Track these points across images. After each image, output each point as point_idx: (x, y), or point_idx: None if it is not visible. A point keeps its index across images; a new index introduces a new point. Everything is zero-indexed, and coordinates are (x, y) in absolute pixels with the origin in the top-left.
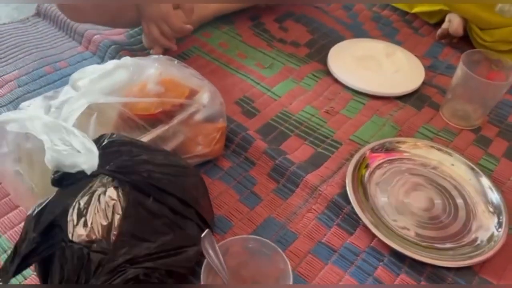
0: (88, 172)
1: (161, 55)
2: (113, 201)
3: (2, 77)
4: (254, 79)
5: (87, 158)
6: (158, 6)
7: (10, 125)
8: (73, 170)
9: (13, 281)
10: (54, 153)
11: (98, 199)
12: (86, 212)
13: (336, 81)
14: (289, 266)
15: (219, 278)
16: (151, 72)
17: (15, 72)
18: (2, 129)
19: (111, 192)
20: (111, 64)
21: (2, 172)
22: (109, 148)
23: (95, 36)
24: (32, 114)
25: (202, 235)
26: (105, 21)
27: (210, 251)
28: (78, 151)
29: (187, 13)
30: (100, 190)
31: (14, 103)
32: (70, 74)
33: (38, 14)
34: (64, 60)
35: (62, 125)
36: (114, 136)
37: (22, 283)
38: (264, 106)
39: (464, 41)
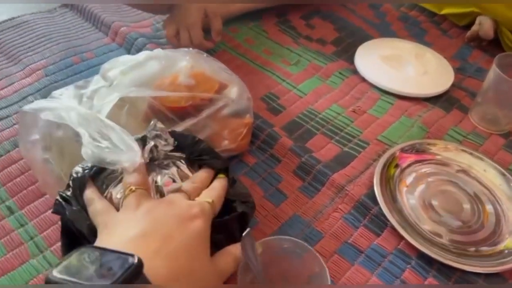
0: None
1: (191, 48)
2: None
3: (29, 66)
4: (280, 75)
5: (129, 156)
6: (189, 12)
7: (44, 113)
8: (114, 167)
9: (39, 268)
10: (95, 149)
11: None
12: (118, 201)
13: (363, 80)
14: (327, 271)
15: (251, 274)
16: (183, 65)
17: (43, 61)
18: (35, 116)
19: None
20: (143, 55)
21: (32, 159)
22: None
23: (122, 28)
24: (68, 104)
25: (244, 233)
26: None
27: (249, 252)
28: (118, 147)
29: (215, 33)
30: None
31: (41, 92)
32: (96, 65)
33: (65, 5)
34: (90, 51)
35: (100, 118)
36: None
37: None
38: (289, 103)
39: (493, 44)
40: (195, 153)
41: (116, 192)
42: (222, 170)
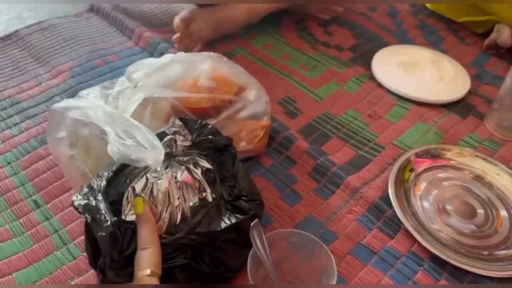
0: (154, 168)
1: (211, 53)
2: (166, 189)
3: (56, 68)
4: (297, 80)
5: (153, 154)
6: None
7: (72, 112)
8: (139, 165)
9: (63, 259)
10: (121, 147)
11: (152, 187)
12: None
13: (379, 85)
14: (334, 262)
15: (263, 268)
16: (204, 68)
17: (69, 63)
18: (63, 115)
19: (164, 180)
20: (166, 58)
21: (59, 156)
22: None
23: (146, 33)
24: (95, 103)
25: (252, 224)
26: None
27: (257, 241)
28: (143, 146)
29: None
30: (154, 178)
31: (67, 93)
32: (120, 68)
33: (91, 9)
34: (114, 54)
35: (125, 117)
36: None
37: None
38: (306, 107)
39: (511, 52)
40: (202, 135)
41: (139, 187)
42: None
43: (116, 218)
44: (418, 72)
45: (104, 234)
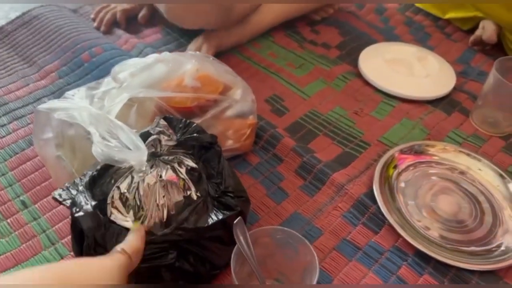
0: (137, 168)
1: (197, 52)
2: (151, 188)
3: (44, 68)
4: (285, 78)
5: (137, 155)
6: None
7: (58, 113)
8: (122, 165)
9: (51, 259)
10: (105, 148)
11: (137, 186)
12: (126, 198)
13: (366, 83)
14: (316, 259)
15: (247, 265)
16: (189, 67)
17: (56, 62)
18: (49, 116)
19: (150, 179)
20: (151, 58)
21: (45, 156)
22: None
23: (131, 39)
24: (80, 104)
25: (235, 222)
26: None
27: (241, 238)
28: (127, 147)
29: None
30: (139, 177)
31: (55, 95)
32: (105, 61)
33: (74, 11)
34: (100, 45)
35: (109, 118)
36: None
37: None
38: (293, 105)
39: (496, 48)
40: (187, 134)
41: (124, 187)
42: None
43: (96, 202)
44: (404, 69)
45: (83, 214)
